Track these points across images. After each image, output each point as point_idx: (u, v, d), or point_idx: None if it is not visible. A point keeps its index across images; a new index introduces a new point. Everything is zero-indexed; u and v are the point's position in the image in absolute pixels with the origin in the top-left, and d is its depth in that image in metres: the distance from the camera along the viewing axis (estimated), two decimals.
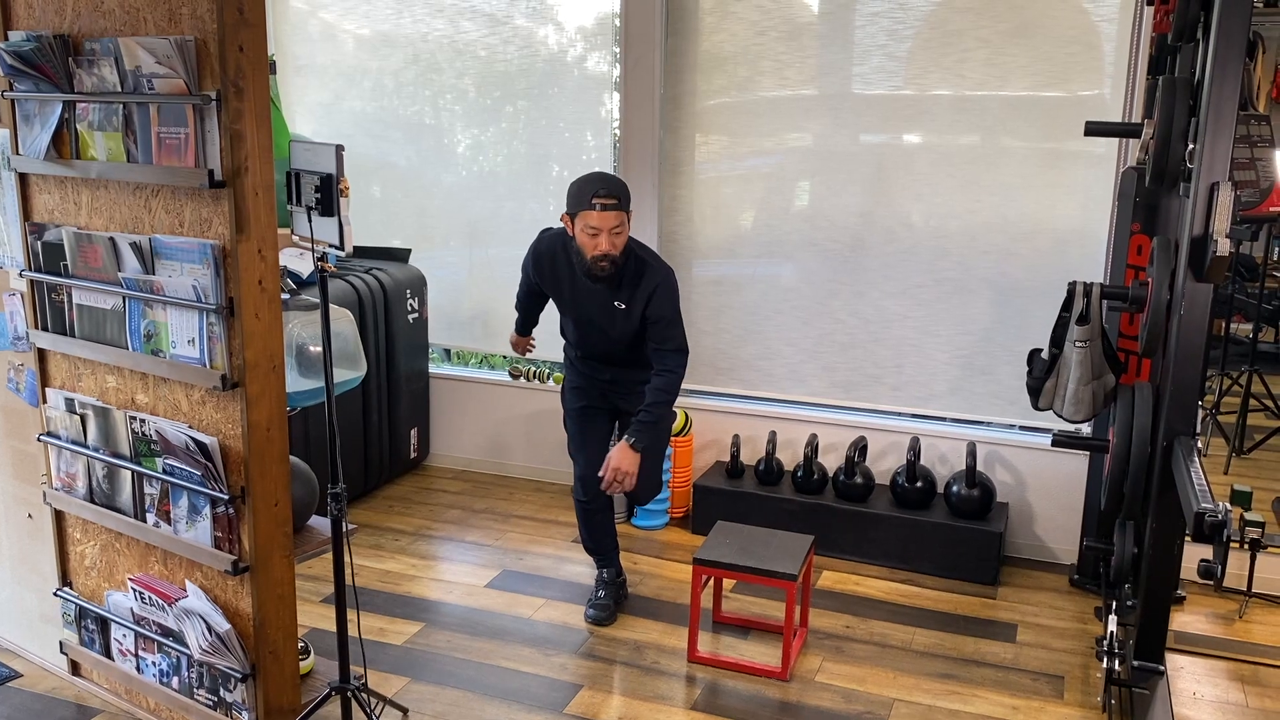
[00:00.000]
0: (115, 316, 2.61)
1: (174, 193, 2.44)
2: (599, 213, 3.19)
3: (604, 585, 3.67)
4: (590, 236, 3.23)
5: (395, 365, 4.65)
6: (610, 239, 3.22)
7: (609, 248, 3.23)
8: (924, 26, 4.04)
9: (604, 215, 3.19)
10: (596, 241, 3.22)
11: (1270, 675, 3.27)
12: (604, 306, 3.39)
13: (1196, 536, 2.34)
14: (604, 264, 3.25)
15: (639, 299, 3.34)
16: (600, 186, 3.22)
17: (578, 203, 3.24)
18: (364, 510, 4.52)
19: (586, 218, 3.21)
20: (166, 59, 2.31)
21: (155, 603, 2.69)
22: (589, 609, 3.61)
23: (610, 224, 3.20)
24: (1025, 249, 4.04)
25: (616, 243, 3.24)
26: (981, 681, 3.27)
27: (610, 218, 3.20)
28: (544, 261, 3.49)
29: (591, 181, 3.26)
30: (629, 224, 3.29)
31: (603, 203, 3.19)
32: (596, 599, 3.64)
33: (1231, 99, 2.59)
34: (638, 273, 3.35)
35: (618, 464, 3.32)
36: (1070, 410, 3.35)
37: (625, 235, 3.27)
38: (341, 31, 5.02)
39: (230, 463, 2.47)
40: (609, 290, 3.36)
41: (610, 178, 3.30)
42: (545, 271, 3.49)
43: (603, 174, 3.35)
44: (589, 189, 3.22)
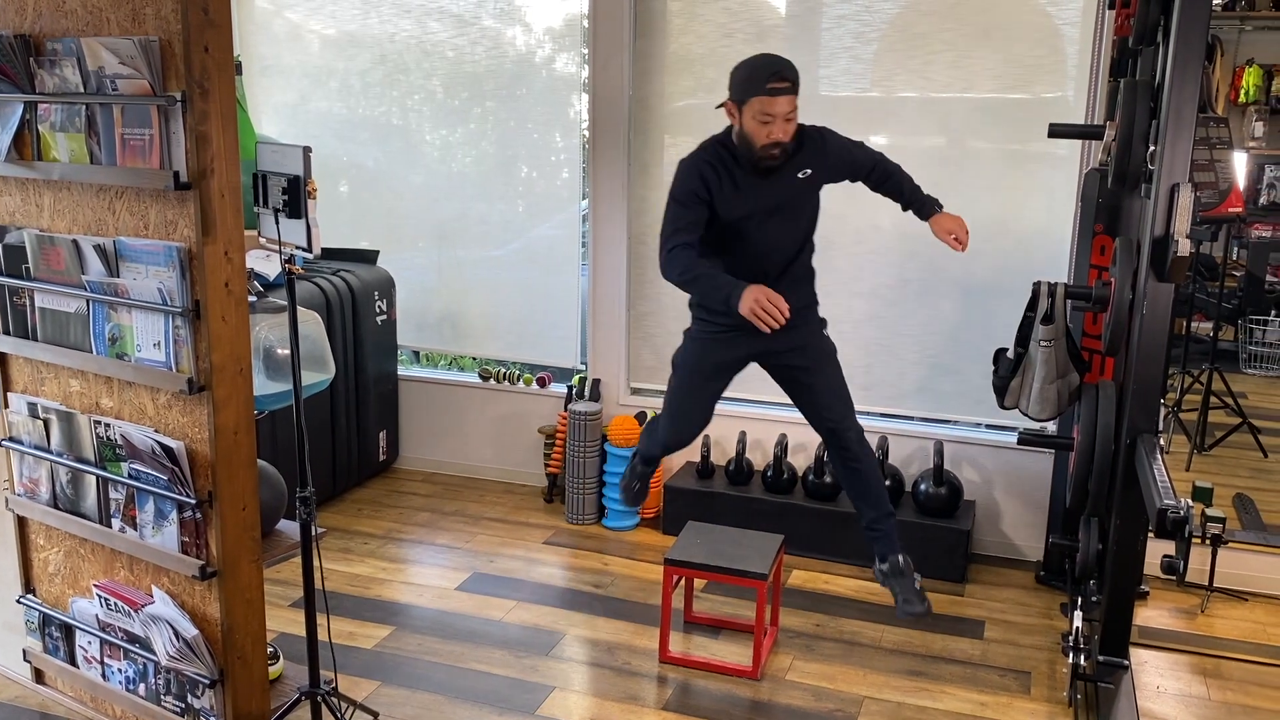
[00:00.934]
0: (79, 320, 2.58)
1: (138, 195, 2.41)
2: (773, 98, 2.92)
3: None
4: (762, 124, 2.94)
5: (364, 368, 4.62)
6: (784, 125, 2.95)
7: (782, 134, 2.96)
8: (890, 29, 4.08)
9: (777, 100, 2.92)
10: (770, 129, 2.94)
11: (1231, 668, 3.32)
12: (789, 187, 3.10)
13: (1159, 533, 2.38)
14: (775, 151, 2.98)
15: (821, 157, 3.12)
16: (775, 68, 2.94)
17: (747, 88, 2.96)
18: (333, 514, 4.49)
19: (760, 104, 2.93)
20: (130, 59, 2.29)
21: (121, 609, 2.66)
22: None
23: (785, 109, 2.93)
24: (991, 250, 4.08)
25: (789, 129, 2.97)
26: (950, 678, 3.31)
27: (784, 102, 2.93)
28: (714, 166, 3.07)
29: (764, 64, 2.97)
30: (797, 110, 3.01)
31: (777, 86, 2.92)
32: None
33: (1191, 102, 2.64)
34: (802, 137, 3.09)
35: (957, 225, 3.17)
36: (1036, 409, 3.40)
37: (795, 120, 2.99)
38: (308, 32, 4.99)
39: (197, 467, 2.45)
40: (787, 166, 3.07)
41: (782, 59, 3.00)
42: (721, 176, 3.07)
43: (774, 55, 3.03)
44: (762, 72, 2.94)
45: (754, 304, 2.84)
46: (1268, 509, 4.21)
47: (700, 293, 3.10)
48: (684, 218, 3.06)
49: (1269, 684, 3.23)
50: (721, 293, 2.95)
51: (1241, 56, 4.80)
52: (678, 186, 3.09)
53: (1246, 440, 4.63)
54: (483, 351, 5.02)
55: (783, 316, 2.86)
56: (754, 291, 2.86)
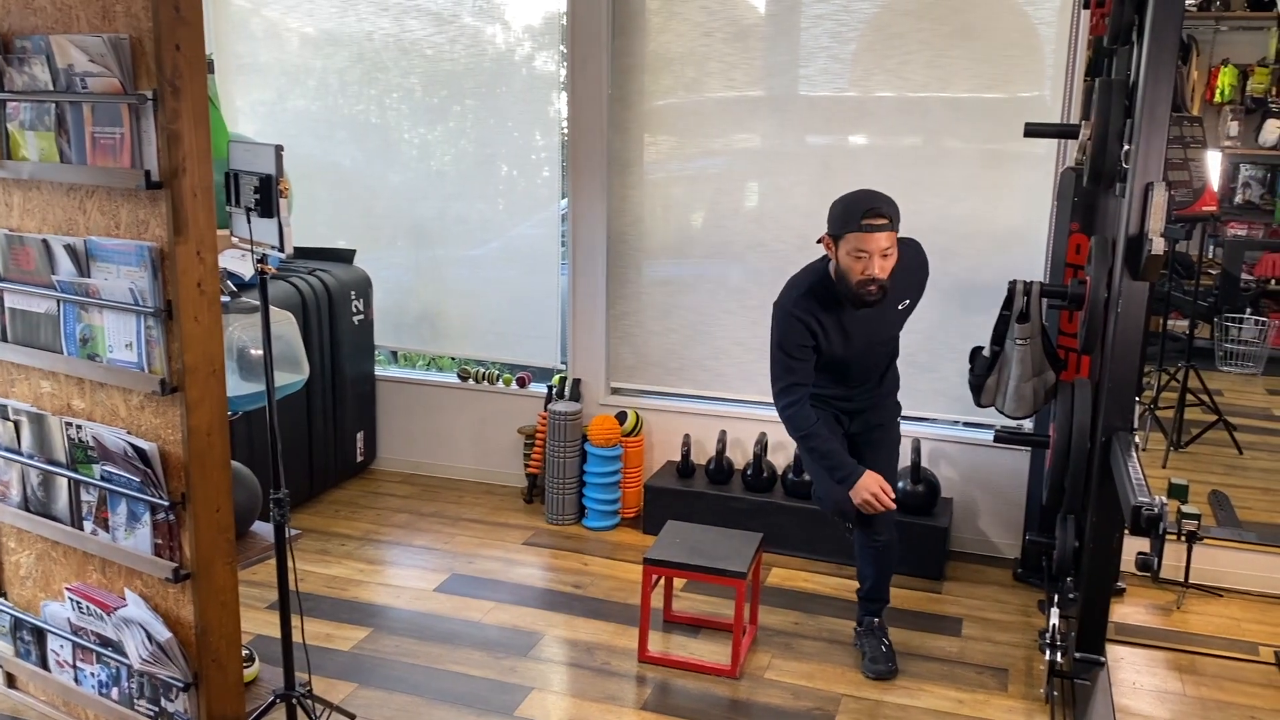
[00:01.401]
0: (49, 320, 2.55)
1: (109, 194, 2.39)
2: (868, 234, 2.93)
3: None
4: (857, 260, 2.96)
5: (340, 368, 4.60)
6: (880, 262, 2.96)
7: (878, 271, 2.96)
8: (867, 29, 4.08)
9: (873, 237, 2.93)
10: (865, 265, 2.95)
11: (1207, 664, 3.34)
12: (887, 318, 3.18)
13: (1134, 530, 2.39)
14: (872, 288, 2.99)
15: (915, 284, 3.20)
16: (870, 204, 2.95)
17: (844, 223, 2.98)
18: (310, 515, 4.46)
19: (856, 240, 2.95)
20: (100, 57, 2.26)
21: (93, 612, 2.64)
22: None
23: (881, 246, 2.94)
24: (967, 248, 4.10)
25: (886, 265, 2.97)
26: (928, 676, 3.31)
27: (881, 239, 2.93)
28: (808, 315, 3.12)
29: (860, 200, 2.99)
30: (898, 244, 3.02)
31: (874, 224, 2.93)
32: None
33: (1165, 101, 2.65)
34: (903, 268, 3.11)
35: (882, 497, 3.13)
36: (1012, 407, 3.41)
37: (895, 257, 3.00)
38: (284, 29, 4.96)
39: (170, 469, 2.43)
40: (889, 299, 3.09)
41: (880, 195, 3.01)
42: (823, 322, 3.12)
43: (872, 191, 3.03)
44: (857, 207, 2.96)
45: (866, 495, 3.11)
46: (1243, 505, 4.24)
47: (817, 462, 3.23)
48: (795, 371, 3.16)
49: (1243, 679, 3.26)
50: (837, 473, 3.16)
51: (1217, 56, 4.83)
52: (784, 337, 3.16)
53: (1222, 437, 4.66)
54: (461, 351, 5.01)
55: (890, 504, 3.12)
56: (867, 483, 3.11)
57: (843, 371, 3.26)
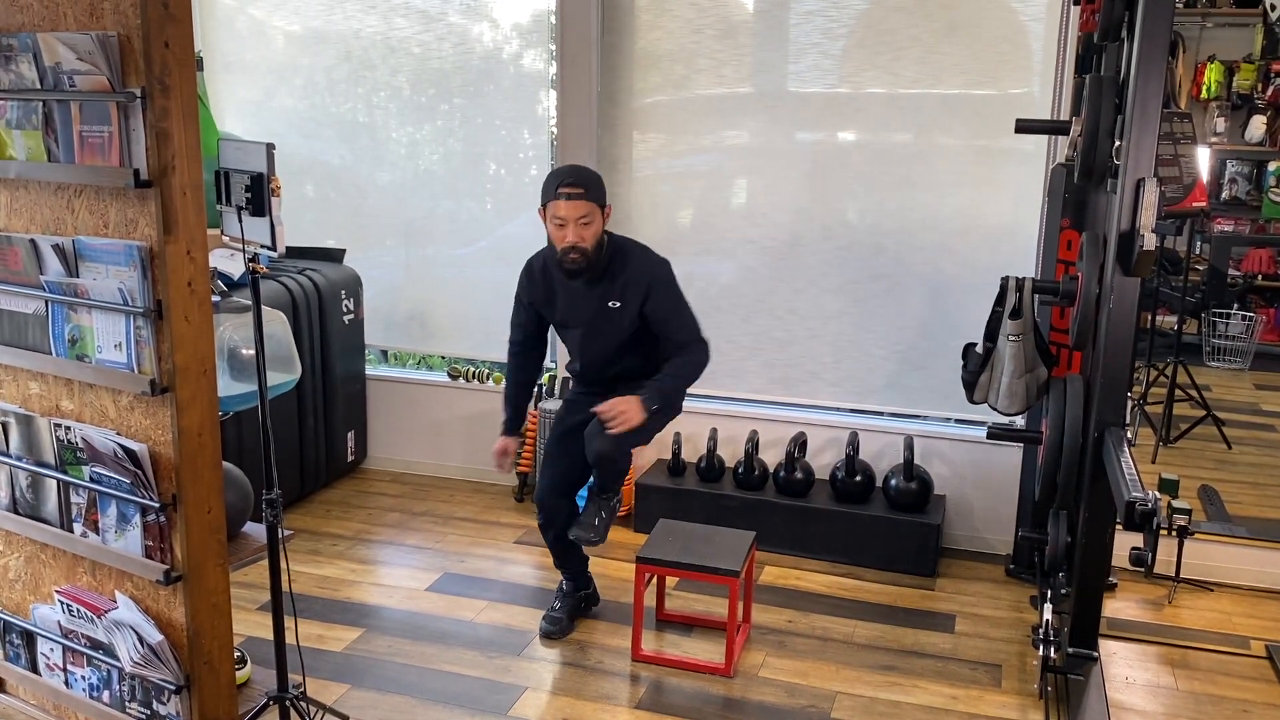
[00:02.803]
0: (37, 321, 2.53)
1: (98, 193, 2.37)
2: (565, 202, 3.13)
3: (561, 596, 3.59)
4: (558, 228, 3.17)
5: (331, 367, 4.58)
6: (577, 229, 3.14)
7: (576, 238, 3.15)
8: (858, 25, 4.08)
9: (570, 205, 3.13)
10: (564, 233, 3.15)
11: (1198, 658, 3.36)
12: (599, 310, 3.30)
13: (1127, 525, 2.40)
14: (574, 255, 3.17)
15: (632, 296, 3.27)
16: (567, 176, 3.18)
17: (545, 194, 3.20)
18: (301, 515, 4.44)
19: (554, 208, 3.16)
20: (88, 55, 2.24)
21: (84, 615, 2.61)
22: (542, 621, 3.53)
23: (576, 213, 3.14)
24: (959, 245, 4.10)
25: (585, 234, 3.16)
26: (922, 672, 3.32)
27: (576, 207, 3.13)
28: (535, 274, 3.40)
29: (559, 173, 3.22)
30: (602, 216, 3.21)
31: (568, 191, 3.13)
32: (551, 610, 3.56)
33: (1156, 97, 2.66)
34: (623, 267, 3.27)
35: (624, 406, 3.15)
36: (1004, 403, 3.41)
37: (596, 227, 3.19)
38: (271, 28, 4.93)
39: (160, 470, 2.41)
40: (597, 289, 3.27)
41: (579, 168, 3.26)
42: (537, 283, 3.39)
43: (573, 165, 3.29)
44: (555, 179, 3.18)
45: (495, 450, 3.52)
46: (1232, 500, 4.26)
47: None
48: (513, 317, 3.50)
49: (1234, 673, 3.27)
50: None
51: (1203, 53, 4.85)
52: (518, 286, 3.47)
53: (1211, 432, 4.68)
54: (452, 350, 4.99)
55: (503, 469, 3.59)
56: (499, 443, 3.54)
57: (573, 342, 3.43)
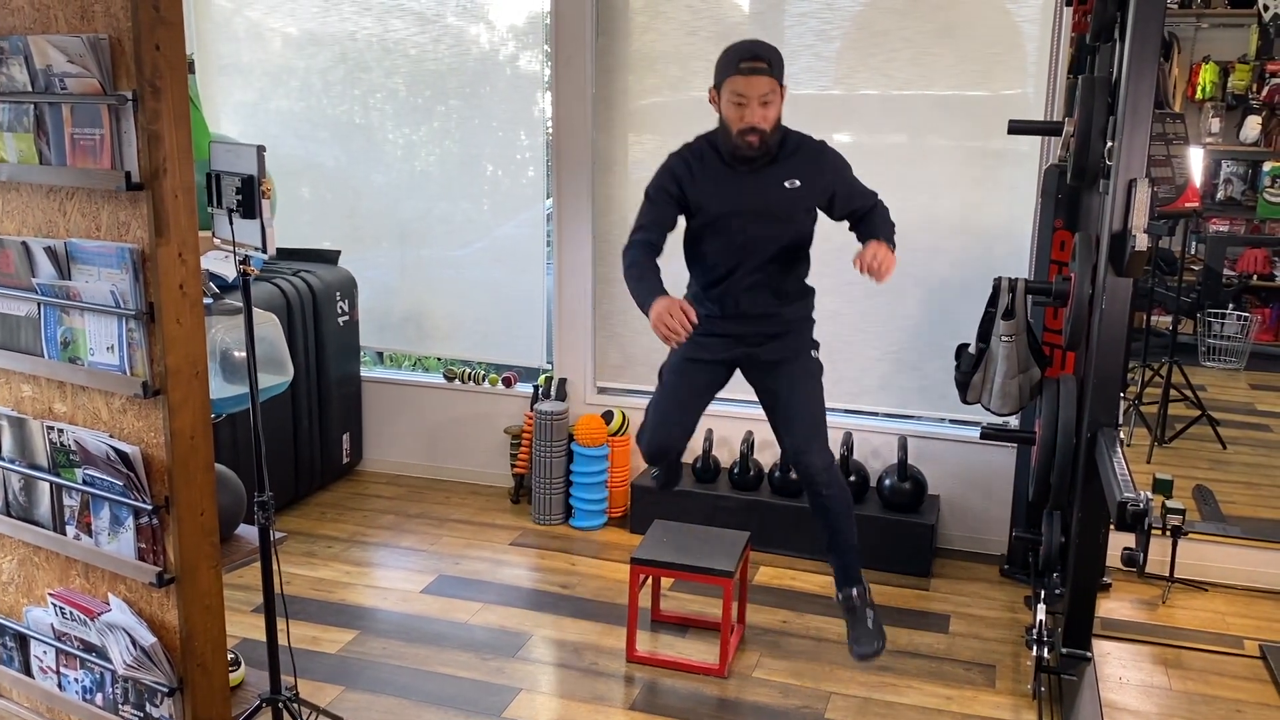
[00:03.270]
0: (30, 324, 2.53)
1: (89, 195, 2.37)
2: (745, 77, 2.82)
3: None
4: (736, 106, 2.84)
5: (326, 369, 4.58)
6: (759, 109, 2.84)
7: (757, 119, 2.84)
8: (851, 27, 4.09)
9: (751, 80, 2.82)
10: (743, 112, 2.84)
11: (1192, 658, 3.36)
12: (774, 192, 2.95)
13: (1119, 525, 2.40)
14: (751, 138, 2.86)
15: (813, 171, 2.98)
16: (748, 50, 2.86)
17: (723, 70, 2.88)
18: (296, 517, 4.44)
19: (732, 84, 2.84)
20: (79, 58, 2.24)
21: (77, 618, 2.61)
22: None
23: (759, 90, 2.82)
24: (952, 246, 4.11)
25: (767, 114, 2.85)
26: (916, 673, 3.32)
27: (759, 83, 2.82)
28: (693, 160, 2.98)
29: (738, 47, 2.89)
30: (781, 98, 2.90)
31: (750, 65, 2.82)
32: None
33: (1147, 97, 2.66)
34: (795, 147, 2.98)
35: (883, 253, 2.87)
36: (998, 403, 3.42)
37: (776, 108, 2.88)
38: (267, 30, 4.93)
39: (153, 472, 2.41)
40: (769, 173, 2.94)
41: (760, 42, 2.93)
42: (695, 171, 2.96)
43: (754, 39, 2.95)
44: (735, 54, 2.86)
45: (658, 316, 2.72)
46: (1227, 500, 4.26)
47: (632, 292, 2.90)
48: (647, 214, 2.98)
49: (1228, 673, 3.27)
50: (640, 298, 2.84)
51: (1198, 53, 4.85)
52: (651, 181, 3.01)
53: (1206, 432, 4.69)
54: (447, 352, 4.99)
55: (684, 331, 2.69)
56: (662, 303, 2.73)
57: (725, 250, 2.99)
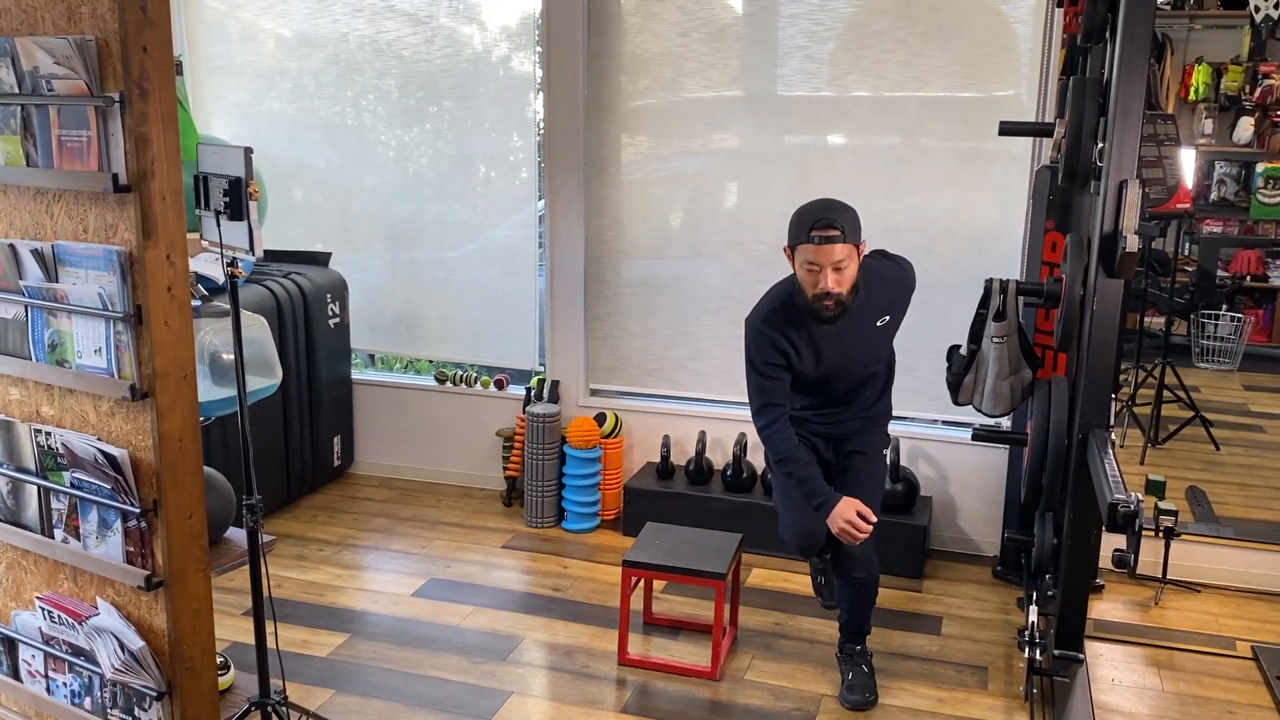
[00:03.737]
0: (17, 326, 2.52)
1: (77, 197, 2.36)
2: (819, 246, 2.82)
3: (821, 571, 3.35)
4: (810, 273, 2.87)
5: (316, 372, 4.57)
6: (833, 275, 2.84)
7: (832, 285, 2.85)
8: (844, 28, 4.08)
9: (824, 249, 2.82)
10: (817, 278, 2.85)
11: (1184, 659, 3.36)
12: (860, 335, 3.03)
13: (1110, 526, 2.40)
14: (828, 303, 2.88)
15: (899, 304, 3.08)
16: (820, 215, 2.84)
17: (796, 234, 2.89)
18: (286, 520, 4.43)
19: (804, 252, 2.86)
20: (66, 59, 2.23)
21: (65, 621, 2.60)
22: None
23: (832, 259, 2.82)
24: (944, 247, 4.10)
25: (841, 280, 2.85)
26: (908, 675, 3.31)
27: (832, 251, 2.81)
28: (783, 329, 3.00)
29: (810, 210, 2.88)
30: (859, 255, 2.90)
31: (822, 234, 2.81)
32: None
33: (1138, 99, 2.66)
34: (882, 283, 3.05)
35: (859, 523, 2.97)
36: (989, 405, 3.41)
37: (851, 270, 2.87)
38: (259, 31, 4.92)
39: (141, 475, 2.40)
40: (864, 315, 3.00)
41: (832, 204, 2.89)
42: (792, 340, 3.00)
43: (827, 201, 2.91)
44: (807, 219, 2.86)
45: (843, 522, 2.94)
46: (1219, 501, 4.26)
47: (795, 487, 3.06)
48: (768, 390, 3.05)
49: (1220, 674, 3.27)
50: (815, 499, 3.01)
51: (1191, 54, 4.86)
52: (755, 355, 3.06)
53: (1199, 433, 4.69)
54: (439, 354, 4.98)
55: (867, 532, 2.95)
56: (844, 509, 2.95)
57: (821, 391, 3.13)
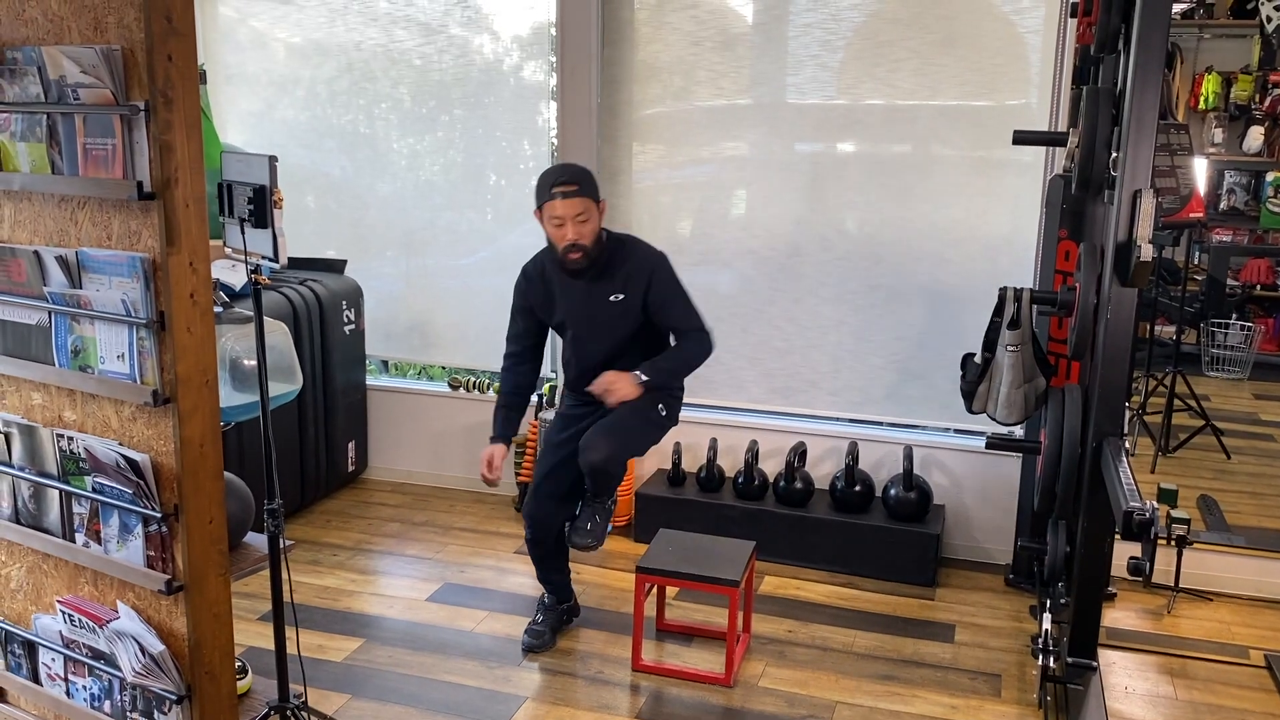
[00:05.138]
0: (41, 332, 2.54)
1: (101, 205, 2.38)
2: (561, 201, 3.13)
3: (544, 609, 3.57)
4: (556, 227, 3.16)
5: (331, 378, 4.59)
6: (576, 227, 3.15)
7: (575, 235, 3.15)
8: (855, 37, 4.10)
9: (566, 203, 3.13)
10: (563, 231, 3.15)
11: (1198, 668, 3.36)
12: (600, 304, 3.28)
13: (1125, 534, 2.40)
14: (575, 254, 3.18)
15: (635, 286, 3.26)
16: (560, 175, 3.19)
17: (540, 195, 3.19)
18: (301, 525, 4.45)
19: (550, 209, 3.16)
20: (92, 68, 2.26)
21: (85, 625, 2.62)
22: (525, 635, 3.50)
23: (573, 211, 3.13)
24: (957, 255, 4.12)
25: (583, 230, 3.16)
26: (921, 682, 3.32)
27: (572, 205, 3.13)
28: (533, 276, 3.39)
29: (551, 172, 3.23)
30: (599, 212, 3.21)
31: (563, 190, 3.13)
32: (533, 624, 3.53)
33: (1152, 108, 2.67)
34: (624, 260, 3.28)
35: (614, 379, 3.19)
36: (1003, 413, 3.42)
37: (593, 223, 3.19)
38: (273, 40, 4.95)
39: (162, 480, 2.42)
40: (599, 284, 3.26)
41: (570, 166, 3.27)
42: (535, 285, 3.37)
43: (564, 164, 3.29)
44: (548, 179, 3.18)
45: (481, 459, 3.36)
46: (1231, 510, 4.27)
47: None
48: (511, 328, 3.46)
49: (1234, 683, 3.28)
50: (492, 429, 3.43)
51: (1201, 64, 4.88)
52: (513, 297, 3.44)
53: (1210, 442, 4.69)
54: (452, 360, 5.00)
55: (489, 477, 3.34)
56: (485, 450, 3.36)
57: (575, 344, 3.38)
